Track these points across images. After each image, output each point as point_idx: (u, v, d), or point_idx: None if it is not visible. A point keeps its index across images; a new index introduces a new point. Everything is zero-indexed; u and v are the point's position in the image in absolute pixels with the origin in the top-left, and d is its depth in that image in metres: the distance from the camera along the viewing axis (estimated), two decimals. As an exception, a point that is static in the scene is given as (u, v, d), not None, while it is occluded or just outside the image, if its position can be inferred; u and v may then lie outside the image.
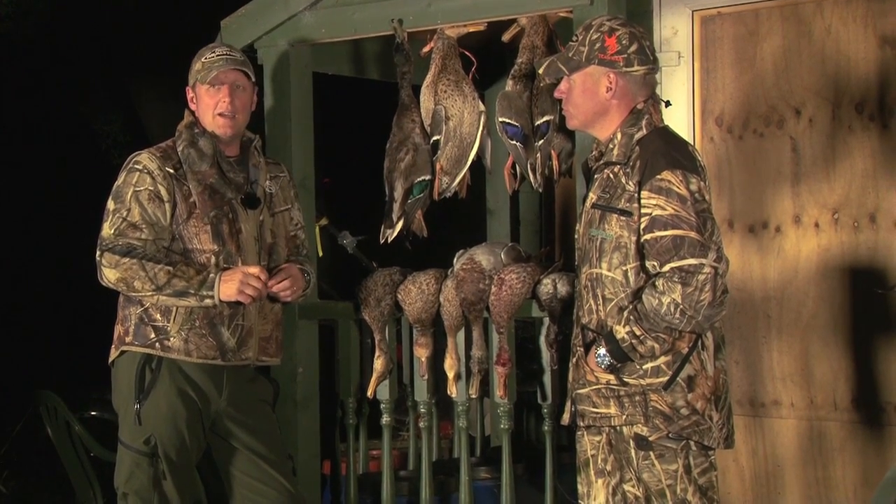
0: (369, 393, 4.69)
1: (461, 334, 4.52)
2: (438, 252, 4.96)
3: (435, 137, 4.75)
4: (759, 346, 4.62)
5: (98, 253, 4.04)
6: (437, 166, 4.78)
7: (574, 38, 3.64)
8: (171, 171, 4.09)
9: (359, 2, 4.78)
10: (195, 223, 4.07)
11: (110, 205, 4.08)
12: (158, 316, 4.05)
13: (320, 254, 5.04)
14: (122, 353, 4.10)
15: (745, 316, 4.62)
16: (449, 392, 4.55)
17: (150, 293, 4.00)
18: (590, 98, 3.60)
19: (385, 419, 4.77)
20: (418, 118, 4.80)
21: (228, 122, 4.14)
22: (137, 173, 4.08)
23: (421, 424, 4.74)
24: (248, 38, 4.91)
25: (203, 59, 4.16)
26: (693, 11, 4.56)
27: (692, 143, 3.91)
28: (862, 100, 4.43)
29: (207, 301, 4.01)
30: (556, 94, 3.69)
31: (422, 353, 4.56)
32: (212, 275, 4.02)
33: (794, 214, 4.56)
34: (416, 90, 4.84)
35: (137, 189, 4.06)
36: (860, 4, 4.42)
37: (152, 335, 4.05)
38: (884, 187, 4.41)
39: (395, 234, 4.82)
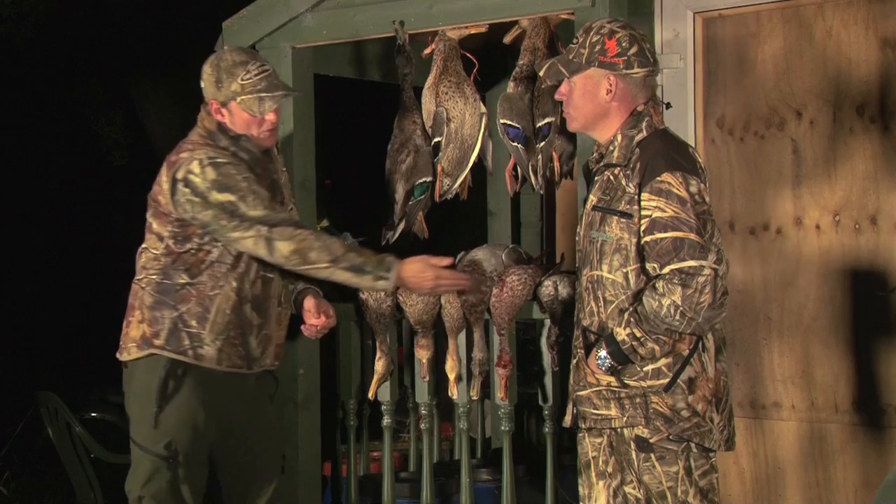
0: (370, 394, 4.70)
1: (462, 336, 4.52)
2: (439, 254, 4.96)
3: (436, 139, 4.75)
4: (759, 348, 4.62)
5: (266, 229, 3.86)
6: (439, 168, 4.78)
7: (574, 41, 3.64)
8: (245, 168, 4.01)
9: (360, 3, 4.78)
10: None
11: (228, 196, 3.90)
12: (194, 322, 3.96)
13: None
14: (149, 355, 3.98)
15: (746, 318, 4.62)
16: (450, 394, 4.55)
17: (325, 265, 3.87)
18: (590, 100, 3.60)
19: (386, 421, 4.77)
20: (419, 120, 4.81)
21: (273, 134, 4.10)
22: (229, 166, 3.93)
23: (422, 426, 4.74)
24: (249, 40, 4.91)
25: (241, 82, 3.99)
26: (694, 13, 4.56)
27: (693, 145, 3.91)
28: (863, 102, 4.43)
29: (381, 283, 3.92)
30: (557, 97, 3.69)
31: (423, 355, 4.57)
32: (389, 257, 3.93)
33: (794, 216, 4.56)
34: (418, 92, 4.84)
35: (244, 176, 3.93)
36: (861, 7, 4.42)
37: (186, 342, 3.96)
38: (885, 189, 4.41)
39: (397, 235, 4.83)
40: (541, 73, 3.73)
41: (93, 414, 7.88)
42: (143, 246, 4.08)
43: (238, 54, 4.08)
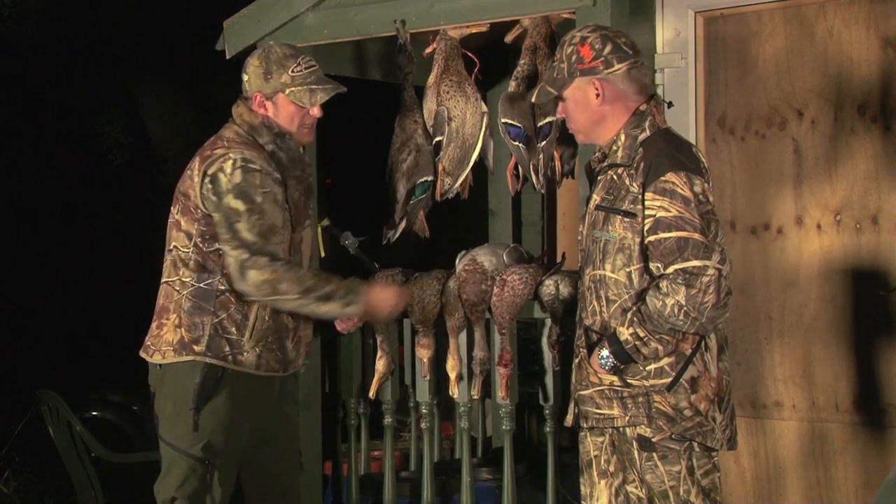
0: (371, 394, 4.70)
1: (463, 335, 4.52)
2: (440, 253, 4.96)
3: (437, 138, 4.75)
4: (760, 348, 4.62)
5: (245, 255, 3.88)
6: (440, 167, 4.78)
7: (553, 59, 3.68)
8: (278, 175, 3.99)
9: (361, 3, 4.78)
10: (289, 232, 4.01)
11: (239, 205, 3.91)
12: (234, 329, 3.96)
13: (322, 255, 5.04)
14: (189, 360, 3.96)
15: (747, 317, 4.62)
16: (451, 393, 4.55)
17: (295, 296, 3.90)
18: (584, 110, 3.62)
19: (387, 420, 4.78)
20: (421, 119, 4.81)
21: (311, 132, 4.11)
22: (259, 174, 3.93)
23: (423, 425, 4.74)
24: (250, 39, 4.91)
25: (292, 73, 4.01)
26: (696, 13, 4.56)
27: (695, 144, 3.91)
28: (864, 101, 4.44)
29: (350, 308, 3.98)
30: (558, 116, 3.74)
31: (424, 354, 4.57)
32: (356, 283, 4.00)
33: (795, 216, 4.56)
34: (419, 91, 4.84)
35: (265, 191, 3.92)
36: (863, 6, 4.42)
37: (226, 348, 3.95)
38: (886, 189, 4.41)
39: (398, 234, 4.83)
40: (533, 100, 3.77)
41: (93, 413, 7.88)
42: (173, 244, 4.04)
43: (287, 48, 4.11)
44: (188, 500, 3.98)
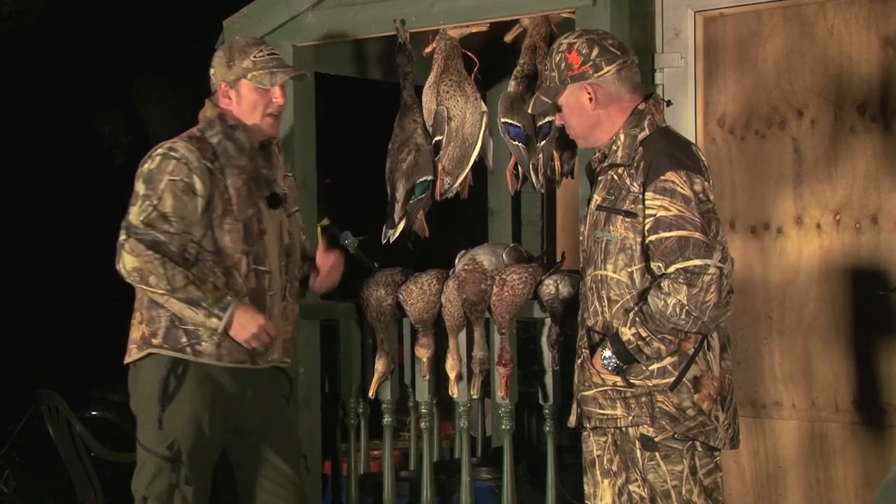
0: (370, 393, 4.70)
1: (462, 335, 4.52)
2: (440, 252, 4.97)
3: (437, 138, 4.75)
4: (760, 347, 4.62)
5: (123, 236, 3.90)
6: (439, 167, 4.78)
7: (544, 69, 3.69)
8: (209, 164, 3.96)
9: (361, 2, 4.78)
10: (229, 221, 3.97)
11: (140, 188, 3.93)
12: None
13: (322, 254, 5.03)
14: (149, 355, 3.97)
15: (747, 317, 4.62)
16: (450, 392, 4.55)
17: (161, 292, 3.88)
18: (579, 115, 3.63)
19: (386, 419, 4.77)
20: (420, 119, 4.81)
21: (276, 122, 4.10)
22: (174, 161, 3.94)
23: (422, 425, 4.74)
24: (250, 39, 4.91)
25: (253, 58, 4.03)
26: (695, 12, 4.56)
27: (695, 143, 3.91)
28: (864, 101, 4.43)
29: (213, 321, 3.90)
30: (557, 124, 3.75)
31: (423, 354, 4.57)
32: (229, 297, 3.92)
33: (795, 215, 4.56)
34: (419, 91, 4.84)
35: (172, 178, 3.92)
36: (863, 6, 4.42)
37: (184, 339, 3.94)
38: (886, 189, 4.41)
39: (397, 234, 4.83)
40: (530, 111, 3.80)
41: (93, 412, 7.89)
42: None
43: (250, 38, 4.20)
44: (157, 499, 3.97)
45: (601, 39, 3.60)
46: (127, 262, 3.89)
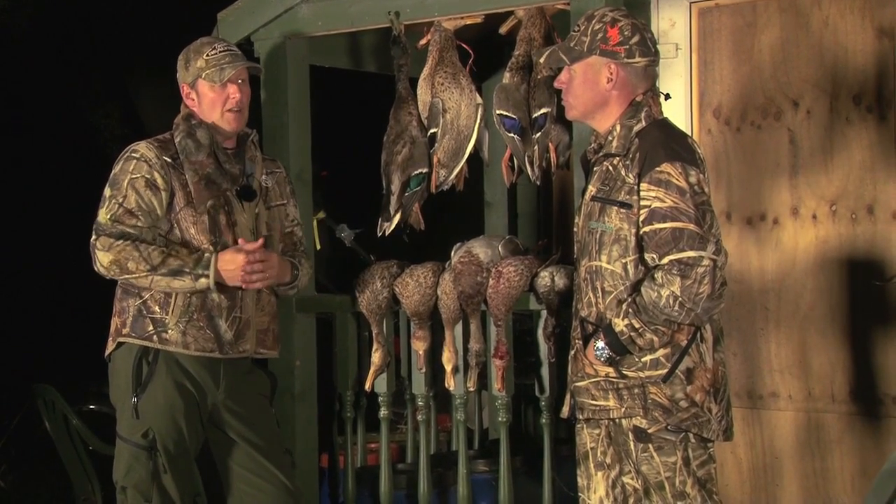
0: (367, 386, 4.69)
1: (459, 327, 4.51)
2: (436, 245, 4.95)
3: (432, 130, 4.74)
4: (756, 339, 4.62)
5: (93, 237, 4.02)
6: (435, 159, 4.77)
7: (575, 28, 3.64)
8: (169, 160, 4.08)
9: (355, -6, 4.77)
10: (191, 213, 4.06)
11: (106, 192, 4.08)
12: (157, 308, 4.04)
13: (318, 247, 5.03)
14: (119, 345, 4.08)
15: (743, 308, 4.62)
16: (447, 385, 4.54)
17: (144, 273, 3.97)
18: (590, 88, 3.59)
19: (383, 412, 4.77)
20: (415, 111, 4.80)
21: (238, 117, 4.15)
22: (134, 161, 4.08)
23: (419, 417, 4.74)
24: (244, 31, 4.90)
25: (206, 57, 4.12)
26: (691, 3, 4.55)
27: (691, 135, 3.90)
28: (860, 91, 4.43)
29: (202, 281, 3.99)
30: (556, 85, 3.69)
31: (419, 347, 4.56)
32: (207, 254, 4.02)
33: (791, 206, 4.56)
34: (414, 83, 4.83)
35: (133, 176, 4.05)
36: (858, -4, 4.42)
37: (150, 328, 4.03)
38: (881, 179, 4.40)
39: (393, 227, 4.81)
40: (541, 60, 3.74)
41: (90, 406, 7.87)
42: None
43: (206, 38, 4.25)
44: (135, 488, 4.04)
45: (644, 30, 3.59)
46: (102, 259, 4.00)
